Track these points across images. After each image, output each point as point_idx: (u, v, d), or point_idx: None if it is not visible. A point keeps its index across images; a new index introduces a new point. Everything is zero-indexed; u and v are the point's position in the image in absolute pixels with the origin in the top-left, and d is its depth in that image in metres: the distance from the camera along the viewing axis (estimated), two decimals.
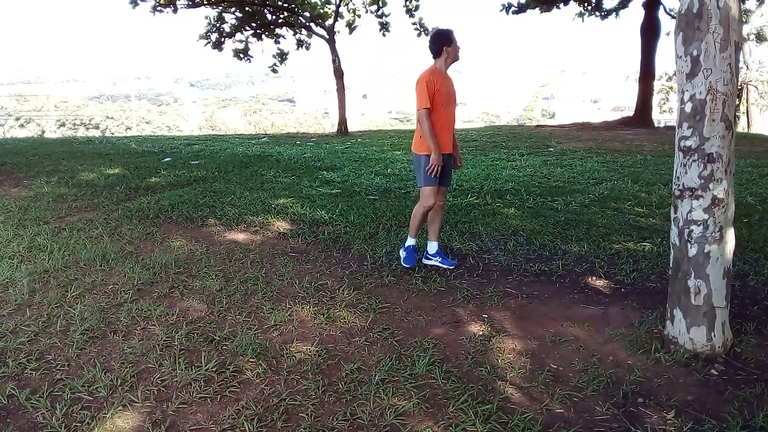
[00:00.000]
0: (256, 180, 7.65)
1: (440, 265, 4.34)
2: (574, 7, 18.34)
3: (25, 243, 4.71)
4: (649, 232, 5.22)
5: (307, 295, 3.79)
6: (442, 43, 4.06)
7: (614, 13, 18.45)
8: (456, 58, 4.15)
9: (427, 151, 4.07)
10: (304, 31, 18.92)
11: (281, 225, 5.43)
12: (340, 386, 2.72)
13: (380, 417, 2.49)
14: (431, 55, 4.14)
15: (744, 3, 18.94)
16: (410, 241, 4.35)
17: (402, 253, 4.37)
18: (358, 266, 4.36)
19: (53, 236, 4.92)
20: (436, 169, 4.04)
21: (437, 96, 4.01)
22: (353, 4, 18.40)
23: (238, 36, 18.88)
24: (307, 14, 17.66)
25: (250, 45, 19.08)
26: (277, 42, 19.42)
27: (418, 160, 4.18)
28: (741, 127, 22.97)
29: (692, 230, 2.93)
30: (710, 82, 2.80)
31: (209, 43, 18.66)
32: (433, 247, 4.40)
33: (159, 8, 16.57)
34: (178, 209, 5.87)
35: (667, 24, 18.26)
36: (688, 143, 2.90)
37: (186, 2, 16.96)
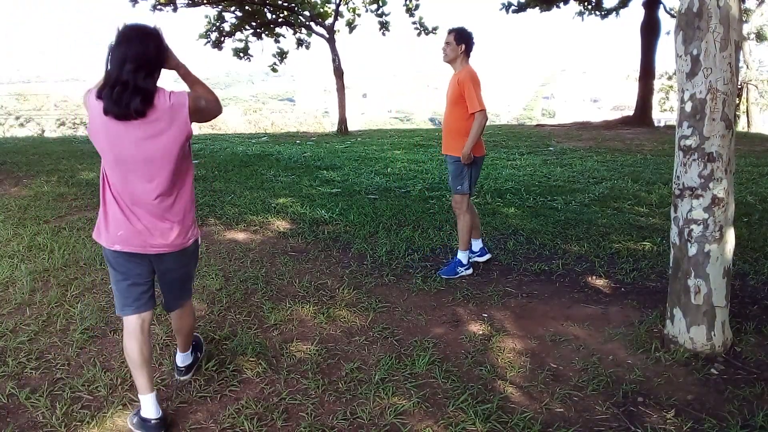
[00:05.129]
0: (256, 179, 7.64)
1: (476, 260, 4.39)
2: (574, 6, 18.26)
3: (25, 242, 4.71)
4: (649, 232, 5.22)
5: (307, 295, 3.80)
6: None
7: (614, 12, 18.39)
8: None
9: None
10: (304, 30, 18.87)
11: (281, 224, 5.43)
12: (340, 385, 2.73)
13: (380, 416, 2.49)
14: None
15: (744, 2, 18.94)
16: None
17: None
18: (358, 265, 4.36)
19: (53, 235, 4.92)
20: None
21: None
22: (353, 4, 18.35)
23: (238, 35, 18.83)
24: (307, 13, 17.62)
25: (249, 44, 19.03)
26: (276, 41, 19.38)
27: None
28: (741, 126, 22.93)
29: (692, 229, 2.94)
30: (710, 81, 2.80)
31: (209, 42, 18.62)
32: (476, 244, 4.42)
33: (159, 7, 16.53)
34: None
35: (667, 23, 18.23)
36: (688, 142, 2.90)
37: (186, 1, 16.92)
